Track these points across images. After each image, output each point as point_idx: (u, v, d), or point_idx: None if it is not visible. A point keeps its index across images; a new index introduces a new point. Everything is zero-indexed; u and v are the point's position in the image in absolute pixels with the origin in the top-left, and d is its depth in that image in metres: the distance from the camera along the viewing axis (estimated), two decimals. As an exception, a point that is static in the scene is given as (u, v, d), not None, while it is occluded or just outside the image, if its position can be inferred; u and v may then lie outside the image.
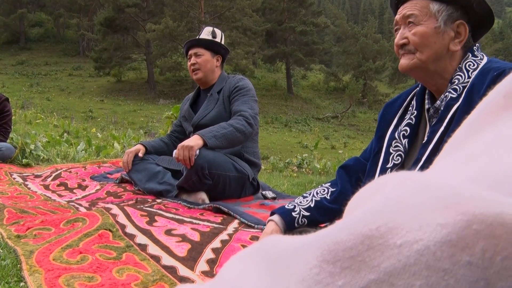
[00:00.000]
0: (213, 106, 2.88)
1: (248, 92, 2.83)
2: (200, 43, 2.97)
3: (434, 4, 1.31)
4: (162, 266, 1.42)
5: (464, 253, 0.20)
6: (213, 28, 3.07)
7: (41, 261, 1.34)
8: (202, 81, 3.02)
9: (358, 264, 0.22)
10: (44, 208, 2.14)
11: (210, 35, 3.00)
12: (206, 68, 2.95)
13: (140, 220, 1.85)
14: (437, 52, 1.32)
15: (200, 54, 2.95)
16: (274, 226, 1.45)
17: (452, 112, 1.27)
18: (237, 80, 2.93)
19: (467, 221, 0.20)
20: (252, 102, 2.80)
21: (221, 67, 3.05)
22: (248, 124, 2.63)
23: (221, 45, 3.01)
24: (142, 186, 2.84)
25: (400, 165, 1.40)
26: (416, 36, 1.33)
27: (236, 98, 2.81)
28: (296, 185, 4.25)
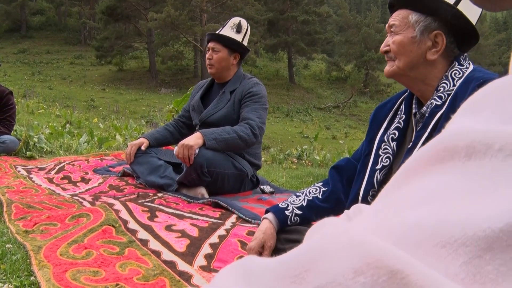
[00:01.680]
0: (223, 105, 2.88)
1: (260, 100, 2.84)
2: (220, 39, 2.91)
3: (413, 15, 1.38)
4: (163, 261, 1.50)
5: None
6: (240, 20, 2.97)
7: (49, 256, 1.43)
8: (216, 76, 3.01)
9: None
10: (49, 203, 2.22)
11: (234, 28, 2.93)
12: (220, 66, 2.92)
13: (142, 216, 1.94)
14: (413, 60, 1.39)
15: (217, 50, 2.90)
16: (268, 224, 1.53)
17: (436, 118, 1.35)
18: (251, 84, 2.90)
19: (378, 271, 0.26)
20: (261, 110, 2.80)
21: (238, 65, 3.01)
22: (253, 134, 2.66)
23: (241, 45, 2.94)
24: (143, 179, 2.92)
25: (389, 167, 1.47)
26: (394, 44, 1.40)
27: (247, 104, 2.81)
28: (295, 178, 4.33)
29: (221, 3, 31.81)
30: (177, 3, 29.78)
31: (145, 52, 35.75)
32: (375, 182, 1.45)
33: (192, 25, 29.74)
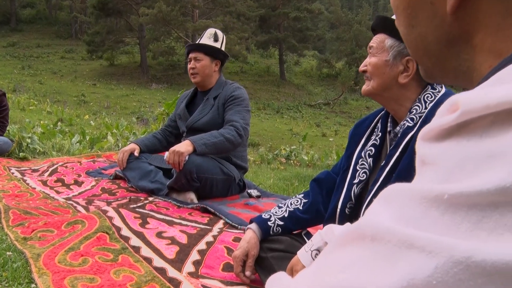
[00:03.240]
0: (208, 110, 3.02)
1: (242, 102, 2.99)
2: (201, 48, 3.08)
3: (389, 40, 1.50)
4: (154, 268, 1.62)
5: None
6: (215, 31, 3.16)
7: (48, 264, 1.53)
8: (200, 85, 3.16)
9: None
10: (45, 209, 2.32)
11: (211, 38, 3.10)
12: (204, 73, 3.07)
13: (134, 222, 2.05)
14: (385, 82, 1.51)
15: (199, 59, 3.06)
16: (252, 233, 1.65)
17: (407, 139, 1.46)
18: (233, 89, 3.06)
19: None
20: (244, 112, 2.95)
21: (219, 71, 3.17)
22: (238, 135, 2.80)
23: (221, 51, 3.11)
24: (135, 184, 3.03)
25: (365, 181, 1.59)
26: (370, 65, 1.52)
27: (230, 107, 2.95)
28: (282, 180, 4.45)
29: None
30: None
31: (136, 47, 35.65)
32: (352, 196, 1.57)
33: (183, 21, 29.71)
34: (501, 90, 0.30)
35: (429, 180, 0.32)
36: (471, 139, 0.30)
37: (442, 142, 0.33)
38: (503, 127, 0.29)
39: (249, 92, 24.45)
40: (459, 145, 0.31)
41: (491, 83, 0.33)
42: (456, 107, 0.32)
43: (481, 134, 0.30)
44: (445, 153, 0.32)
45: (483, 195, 0.27)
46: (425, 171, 0.33)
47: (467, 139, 0.31)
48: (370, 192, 1.44)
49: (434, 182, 0.31)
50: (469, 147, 0.30)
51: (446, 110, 0.33)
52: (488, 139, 0.29)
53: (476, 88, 0.34)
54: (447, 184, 0.30)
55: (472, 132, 0.30)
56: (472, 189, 0.28)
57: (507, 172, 0.27)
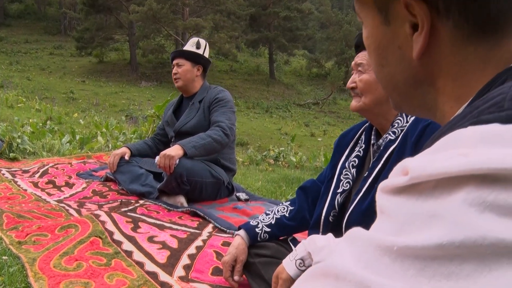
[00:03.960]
0: (194, 114, 3.13)
1: (227, 104, 3.09)
2: (182, 54, 3.22)
3: None
4: (146, 272, 1.68)
5: None
6: (198, 39, 3.29)
7: (44, 268, 1.59)
8: (183, 89, 3.27)
9: None
10: (38, 212, 2.37)
11: (194, 45, 3.24)
12: (186, 78, 3.19)
13: (126, 227, 2.11)
14: (378, 98, 1.58)
15: (181, 64, 3.19)
16: (240, 240, 1.72)
17: (389, 152, 1.54)
18: (217, 91, 3.18)
19: None
20: (229, 113, 3.05)
21: (203, 77, 3.29)
22: (225, 135, 2.89)
23: (202, 56, 3.24)
24: (126, 187, 3.08)
25: (348, 191, 1.67)
26: (361, 82, 1.59)
27: (216, 109, 3.06)
28: (271, 182, 4.53)
29: (203, -3, 31.79)
30: (159, -4, 29.63)
31: (126, 44, 35.51)
32: (336, 204, 1.64)
33: (174, 18, 29.68)
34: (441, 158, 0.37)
35: (384, 231, 0.39)
36: (419, 198, 0.37)
37: (397, 196, 0.40)
38: (443, 192, 0.36)
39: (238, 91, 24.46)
40: (409, 202, 0.38)
41: (435, 149, 0.40)
42: (407, 171, 0.39)
43: (426, 195, 0.37)
44: (398, 207, 0.39)
45: (424, 249, 0.34)
46: (383, 221, 0.40)
47: (416, 197, 0.38)
48: (353, 202, 1.52)
49: (388, 233, 0.38)
50: (417, 205, 0.37)
51: (400, 171, 0.41)
52: (432, 200, 0.36)
53: (423, 153, 0.41)
54: (398, 237, 0.37)
55: (420, 192, 0.38)
56: (416, 243, 0.35)
57: (443, 232, 0.34)
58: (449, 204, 0.35)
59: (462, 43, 0.51)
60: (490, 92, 0.46)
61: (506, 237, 0.31)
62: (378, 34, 0.58)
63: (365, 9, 0.59)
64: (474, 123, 0.39)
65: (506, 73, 0.48)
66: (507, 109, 0.38)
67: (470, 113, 0.42)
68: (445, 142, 0.40)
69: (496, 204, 0.33)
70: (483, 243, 0.32)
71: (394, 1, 0.53)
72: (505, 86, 0.43)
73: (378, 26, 0.58)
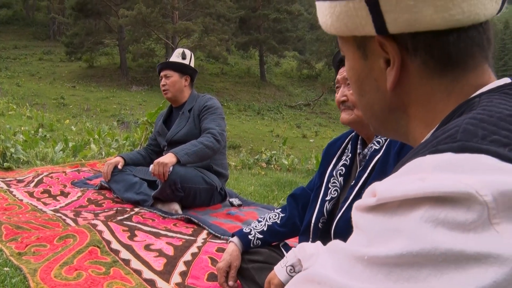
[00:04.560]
0: (185, 123, 3.20)
1: (216, 111, 3.17)
2: (169, 65, 3.30)
3: None
4: (144, 279, 1.75)
5: None
6: (183, 50, 3.37)
7: (45, 279, 1.65)
8: (172, 100, 3.35)
9: None
10: (36, 223, 2.43)
11: (180, 56, 3.32)
12: (175, 89, 3.28)
13: (123, 236, 2.17)
14: None
15: (169, 76, 3.27)
16: (234, 246, 1.79)
17: (374, 162, 1.62)
18: (206, 99, 3.26)
19: None
20: (219, 120, 3.13)
21: (191, 87, 3.38)
22: (216, 141, 2.97)
23: (189, 67, 3.32)
24: (120, 196, 3.14)
25: (336, 198, 1.75)
26: (353, 95, 1.66)
27: (205, 116, 3.14)
28: (263, 186, 4.60)
29: (193, 0, 31.81)
30: (149, 0, 29.63)
31: (116, 48, 35.42)
32: (325, 211, 1.72)
33: (163, 22, 29.67)
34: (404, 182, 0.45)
35: (358, 243, 0.47)
36: (385, 215, 0.45)
37: (368, 214, 0.47)
38: (405, 211, 0.44)
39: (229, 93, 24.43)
40: (378, 219, 0.46)
41: (400, 173, 0.48)
42: (375, 194, 0.47)
43: (391, 213, 0.45)
44: (369, 223, 0.47)
45: (389, 258, 0.42)
46: (357, 234, 0.48)
47: (383, 215, 0.45)
48: (341, 209, 1.59)
49: (360, 245, 0.46)
50: (384, 222, 0.45)
51: (370, 193, 0.48)
52: (395, 217, 0.44)
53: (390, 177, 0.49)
54: (368, 248, 0.45)
55: (386, 211, 0.45)
56: (382, 253, 0.43)
57: (404, 244, 0.42)
58: (409, 221, 0.42)
59: (429, 77, 0.59)
60: (450, 122, 0.54)
61: (453, 247, 0.39)
62: (357, 68, 0.66)
63: (347, 44, 0.67)
64: (432, 152, 0.47)
65: (465, 105, 0.56)
66: (459, 140, 0.46)
67: (430, 142, 0.50)
68: (408, 168, 0.48)
69: (446, 221, 0.40)
70: (435, 253, 0.40)
71: (370, 40, 0.61)
72: (460, 119, 0.51)
73: (358, 60, 0.66)
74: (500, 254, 0.38)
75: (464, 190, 0.40)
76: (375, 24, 0.56)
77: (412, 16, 0.54)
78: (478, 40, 0.57)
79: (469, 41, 0.56)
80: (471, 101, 0.56)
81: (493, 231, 0.39)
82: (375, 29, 0.57)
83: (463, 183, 0.40)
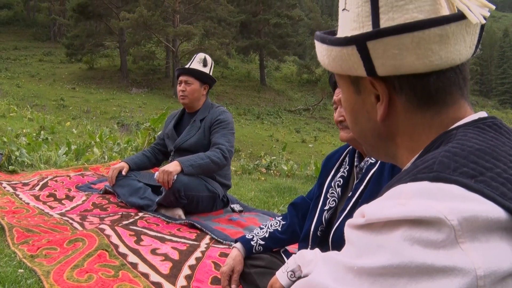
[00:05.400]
0: (195, 132, 3.25)
1: (228, 126, 3.22)
2: (191, 72, 3.29)
3: None
4: (151, 282, 1.84)
5: None
6: (205, 56, 3.37)
7: (58, 280, 1.74)
8: (188, 106, 3.38)
9: None
10: (45, 226, 2.52)
11: (201, 63, 3.31)
12: (193, 96, 3.30)
13: (130, 240, 2.27)
14: None
15: (190, 82, 3.27)
16: (237, 252, 1.89)
17: (370, 174, 1.72)
18: (219, 112, 3.28)
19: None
20: (229, 135, 3.19)
21: (206, 95, 3.40)
22: (224, 158, 3.04)
23: (210, 77, 3.33)
24: (125, 200, 3.23)
25: (334, 208, 1.84)
26: (348, 123, 1.76)
27: (217, 130, 3.18)
28: (263, 191, 4.69)
29: (194, 4, 31.96)
30: (150, 3, 29.78)
31: (116, 51, 35.56)
32: (323, 220, 1.81)
33: (164, 25, 29.80)
34: (388, 205, 0.55)
35: (349, 255, 0.56)
36: (372, 233, 0.55)
37: (358, 231, 0.57)
38: (388, 230, 0.53)
39: (229, 97, 24.52)
40: (365, 235, 0.55)
41: (385, 197, 0.58)
42: (363, 215, 0.56)
43: (377, 232, 0.54)
44: (358, 239, 0.56)
45: (373, 269, 0.52)
46: (348, 247, 0.58)
47: (370, 233, 0.55)
48: (339, 219, 1.69)
49: (351, 257, 0.56)
50: (370, 238, 0.55)
51: (360, 214, 0.58)
52: (380, 235, 0.54)
53: (377, 200, 0.59)
54: (357, 260, 0.54)
55: (372, 229, 0.55)
56: (369, 265, 0.52)
57: (386, 258, 0.51)
58: (391, 238, 0.52)
59: (413, 111, 0.69)
60: (429, 153, 0.64)
61: (426, 261, 0.49)
62: (351, 100, 0.76)
63: (342, 80, 0.77)
64: (412, 180, 0.57)
65: (444, 135, 0.66)
66: (435, 171, 0.56)
67: (411, 171, 0.60)
68: (392, 193, 0.58)
69: (421, 240, 0.50)
70: (411, 266, 0.50)
71: (362, 78, 0.71)
72: (437, 151, 0.61)
73: (352, 94, 0.76)
74: (463, 267, 0.48)
75: (435, 215, 0.50)
76: (366, 67, 0.67)
77: (397, 62, 0.64)
78: (455, 80, 0.67)
79: (447, 81, 0.66)
80: (449, 133, 0.66)
81: (458, 248, 0.49)
82: (366, 72, 0.67)
83: (435, 209, 0.50)
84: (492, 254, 0.50)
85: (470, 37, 0.65)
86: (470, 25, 0.64)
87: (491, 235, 0.50)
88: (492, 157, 0.58)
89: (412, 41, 0.62)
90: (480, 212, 0.50)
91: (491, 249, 0.50)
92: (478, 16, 0.61)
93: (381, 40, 0.63)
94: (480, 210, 0.50)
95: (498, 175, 0.55)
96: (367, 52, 0.65)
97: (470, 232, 0.49)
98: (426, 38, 0.62)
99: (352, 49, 0.66)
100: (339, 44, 0.68)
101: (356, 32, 0.67)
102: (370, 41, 0.64)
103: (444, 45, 0.63)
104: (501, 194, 0.52)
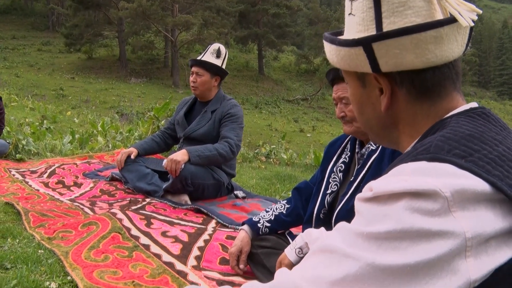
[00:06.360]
0: (205, 123, 3.34)
1: (237, 120, 3.31)
2: (202, 64, 3.36)
3: None
4: (164, 262, 1.95)
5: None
6: (219, 46, 3.42)
7: (77, 260, 1.86)
8: (200, 96, 3.47)
9: None
10: (58, 211, 2.63)
11: (214, 54, 3.37)
12: (204, 88, 3.38)
13: (140, 223, 2.38)
14: None
15: (200, 74, 3.35)
16: (244, 234, 2.00)
17: (371, 160, 1.82)
18: (230, 106, 3.36)
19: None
20: (238, 129, 3.29)
21: (218, 86, 3.47)
22: (231, 152, 3.14)
23: (221, 69, 3.39)
24: (133, 185, 3.33)
25: (336, 192, 1.95)
26: (351, 112, 1.85)
27: (226, 123, 3.28)
28: (264, 179, 4.80)
29: (193, -7, 31.86)
30: (149, -8, 29.65)
31: (115, 40, 35.48)
32: (326, 203, 1.92)
33: (163, 15, 29.73)
34: (392, 181, 0.65)
35: (359, 223, 0.67)
36: (378, 205, 0.65)
37: (366, 203, 0.67)
38: (392, 201, 0.63)
39: (228, 87, 24.51)
40: (373, 207, 0.66)
41: (390, 175, 0.68)
42: (371, 189, 0.67)
43: (383, 203, 0.65)
44: (367, 210, 0.67)
45: (380, 234, 0.62)
46: (358, 218, 0.68)
47: (377, 204, 0.65)
48: (341, 202, 1.80)
49: (361, 225, 0.66)
50: (377, 209, 0.65)
51: (368, 188, 0.68)
52: (385, 206, 0.64)
53: (383, 177, 0.69)
54: (366, 227, 0.64)
55: (379, 201, 0.65)
56: (376, 230, 0.63)
57: (391, 224, 0.61)
58: (395, 208, 0.63)
59: (412, 102, 0.80)
60: (427, 138, 0.75)
61: (424, 227, 0.59)
62: (358, 94, 0.87)
63: (349, 76, 0.87)
64: (412, 160, 0.68)
65: (439, 123, 0.77)
66: (431, 152, 0.67)
67: (412, 153, 0.71)
68: (396, 171, 0.68)
69: (420, 209, 0.61)
70: (412, 230, 0.60)
71: (367, 74, 0.82)
72: (434, 136, 0.72)
73: (358, 88, 0.86)
74: (455, 231, 0.59)
75: (431, 188, 0.60)
76: (371, 65, 0.78)
77: (398, 60, 0.75)
78: (448, 75, 0.78)
79: (441, 76, 0.77)
80: (444, 121, 0.76)
81: (451, 216, 0.59)
82: (371, 69, 0.78)
83: (431, 184, 0.61)
84: (478, 220, 0.60)
85: (461, 37, 0.76)
86: (461, 27, 0.75)
87: (478, 205, 0.61)
88: (480, 141, 0.68)
89: (411, 42, 0.73)
90: (469, 186, 0.61)
91: (478, 216, 0.60)
92: (468, 19, 0.72)
93: (385, 41, 0.74)
94: (469, 184, 0.61)
95: (485, 156, 0.66)
96: (372, 52, 0.76)
97: (460, 202, 0.60)
98: (423, 39, 0.73)
99: (359, 50, 0.77)
100: (348, 45, 0.79)
101: (361, 34, 0.78)
102: (375, 42, 0.75)
103: (439, 45, 0.74)
104: (487, 171, 0.63)
